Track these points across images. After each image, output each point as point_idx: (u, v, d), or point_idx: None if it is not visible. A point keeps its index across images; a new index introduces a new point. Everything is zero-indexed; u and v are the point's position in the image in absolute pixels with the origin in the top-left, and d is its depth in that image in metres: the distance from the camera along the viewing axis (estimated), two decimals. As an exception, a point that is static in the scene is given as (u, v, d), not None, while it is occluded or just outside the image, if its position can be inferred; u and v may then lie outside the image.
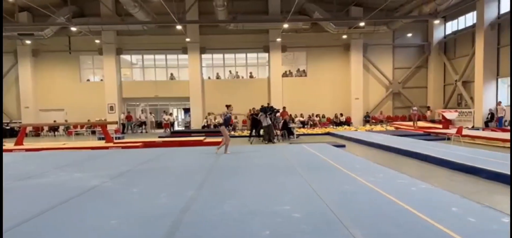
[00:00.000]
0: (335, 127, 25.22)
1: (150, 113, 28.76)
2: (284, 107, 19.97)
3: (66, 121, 25.28)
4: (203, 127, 26.06)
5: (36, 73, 26.96)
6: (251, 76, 28.35)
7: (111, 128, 21.28)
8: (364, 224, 4.17)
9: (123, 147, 14.42)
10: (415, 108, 24.05)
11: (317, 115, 27.19)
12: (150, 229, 4.19)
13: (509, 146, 12.73)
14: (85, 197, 5.88)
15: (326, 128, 24.68)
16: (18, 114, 26.69)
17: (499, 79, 21.71)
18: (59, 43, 26.41)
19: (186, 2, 24.59)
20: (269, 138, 16.42)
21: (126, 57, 28.27)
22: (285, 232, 3.98)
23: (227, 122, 11.80)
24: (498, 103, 21.17)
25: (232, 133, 23.07)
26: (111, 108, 26.79)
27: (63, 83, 27.18)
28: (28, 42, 25.61)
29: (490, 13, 21.40)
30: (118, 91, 27.24)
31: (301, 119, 26.61)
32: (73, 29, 23.57)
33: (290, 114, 26.12)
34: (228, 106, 11.82)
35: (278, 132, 17.74)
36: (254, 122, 18.18)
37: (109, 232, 4.16)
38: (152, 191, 6.14)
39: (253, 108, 18.83)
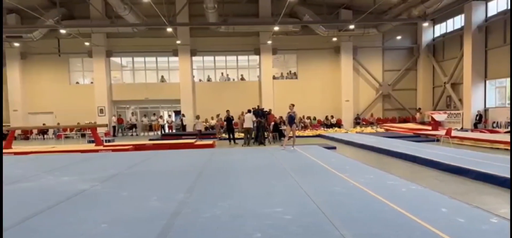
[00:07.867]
0: (325, 129, 25.31)
1: (142, 115, 28.24)
2: (270, 110, 19.84)
3: (58, 123, 24.96)
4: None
5: (24, 76, 26.61)
6: (242, 79, 28.32)
7: (101, 130, 21.11)
8: (355, 225, 4.20)
9: (113, 150, 14.33)
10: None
11: (308, 118, 27.26)
12: (140, 232, 4.16)
13: (499, 147, 12.90)
14: (74, 201, 5.82)
15: (317, 130, 24.73)
16: (6, 117, 26.27)
17: (487, 81, 21.96)
18: (48, 45, 26.06)
19: (176, 5, 24.54)
20: (260, 140, 16.48)
21: (116, 59, 28.10)
22: (276, 234, 3.99)
23: (292, 120, 12.67)
24: None
25: (223, 135, 23.04)
26: (101, 111, 26.56)
27: (52, 86, 26.87)
28: (16, 44, 25.25)
29: (478, 16, 21.62)
30: (108, 94, 27.03)
31: (292, 121, 26.62)
32: (62, 31, 23.30)
33: (281, 117, 26.13)
34: (292, 105, 12.85)
35: (270, 134, 17.91)
36: (229, 125, 18.39)
37: (99, 236, 4.13)
38: (142, 194, 6.10)
39: (228, 111, 18.79)
